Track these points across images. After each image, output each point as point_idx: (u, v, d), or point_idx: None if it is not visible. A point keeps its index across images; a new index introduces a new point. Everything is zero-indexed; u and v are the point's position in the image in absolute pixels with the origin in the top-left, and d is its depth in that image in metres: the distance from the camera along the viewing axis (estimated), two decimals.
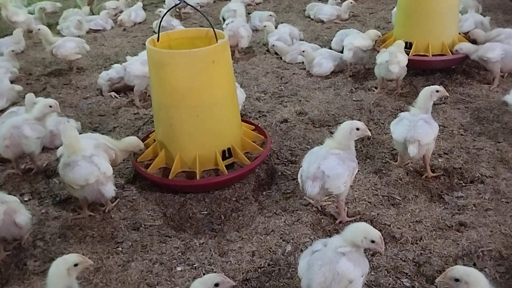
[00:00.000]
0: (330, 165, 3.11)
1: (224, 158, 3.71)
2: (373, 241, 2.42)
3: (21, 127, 3.86)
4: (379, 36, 5.63)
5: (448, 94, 3.79)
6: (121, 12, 8.38)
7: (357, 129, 3.22)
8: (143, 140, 4.08)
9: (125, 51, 6.83)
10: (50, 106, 3.95)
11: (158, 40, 3.75)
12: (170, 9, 3.85)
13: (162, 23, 6.81)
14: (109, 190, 3.35)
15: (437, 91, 3.65)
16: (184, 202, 3.63)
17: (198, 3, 8.45)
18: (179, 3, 3.64)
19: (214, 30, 3.57)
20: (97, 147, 3.61)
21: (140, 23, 8.14)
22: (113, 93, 5.46)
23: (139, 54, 5.36)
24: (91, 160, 3.30)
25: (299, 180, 3.27)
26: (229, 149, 3.73)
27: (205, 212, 3.52)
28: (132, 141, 3.89)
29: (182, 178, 3.70)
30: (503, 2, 7.68)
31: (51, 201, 3.74)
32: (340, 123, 4.49)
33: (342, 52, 5.68)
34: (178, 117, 3.57)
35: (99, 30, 7.83)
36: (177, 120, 3.59)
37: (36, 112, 3.94)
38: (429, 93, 3.64)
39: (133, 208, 3.61)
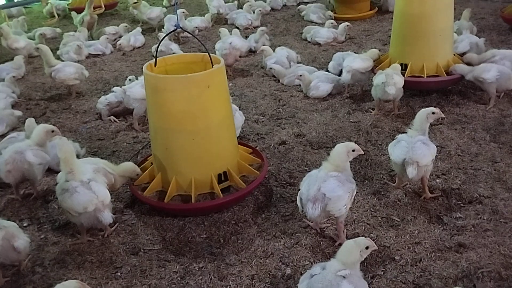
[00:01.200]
0: (330, 187, 3.14)
1: (220, 181, 3.72)
2: (367, 247, 2.56)
3: (24, 153, 3.89)
4: (379, 56, 5.70)
5: (444, 116, 3.82)
6: (120, 37, 8.49)
7: (353, 150, 3.28)
8: (141, 163, 4.11)
9: (124, 75, 6.89)
10: (52, 131, 4.00)
11: (155, 65, 3.80)
12: (167, 34, 3.92)
13: (160, 47, 6.94)
14: (107, 216, 3.34)
15: (433, 113, 3.68)
16: (183, 225, 3.63)
17: (196, 27, 8.58)
18: (176, 28, 3.70)
19: (209, 55, 3.62)
20: (96, 171, 3.60)
21: (139, 47, 8.23)
22: (112, 117, 5.50)
23: (139, 78, 5.42)
24: (89, 186, 3.30)
25: (298, 203, 3.28)
26: (225, 172, 3.75)
27: (204, 236, 3.51)
28: (128, 167, 3.89)
29: (179, 202, 3.71)
30: (497, 23, 7.78)
31: (50, 226, 3.73)
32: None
33: (339, 75, 5.74)
34: (174, 141, 3.61)
35: (99, 54, 7.92)
36: (173, 143, 3.62)
37: (36, 138, 3.97)
38: (425, 115, 3.68)
39: (132, 232, 3.61)
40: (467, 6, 8.02)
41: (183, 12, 8.48)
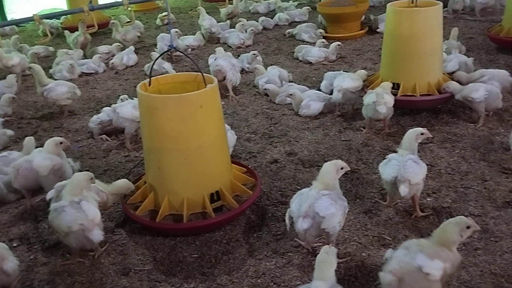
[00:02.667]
0: (324, 206, 3.16)
1: (212, 201, 3.73)
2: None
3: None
4: (367, 75, 5.76)
5: (431, 136, 3.87)
6: (113, 56, 8.52)
7: (341, 168, 3.35)
8: (134, 182, 4.10)
9: (117, 94, 6.91)
10: (61, 143, 4.20)
11: (149, 85, 3.83)
12: (161, 55, 3.96)
13: (154, 66, 6.99)
14: (96, 235, 3.32)
15: (422, 134, 3.73)
16: (174, 245, 3.62)
17: (187, 46, 8.61)
18: (169, 49, 3.74)
19: (202, 75, 3.65)
20: (88, 189, 3.59)
21: (132, 66, 8.27)
22: (104, 136, 5.50)
23: (134, 99, 5.44)
24: (80, 206, 3.29)
25: (286, 220, 3.31)
26: (217, 192, 3.75)
27: (196, 256, 3.50)
28: (123, 184, 3.92)
29: (170, 221, 3.70)
30: (485, 42, 7.90)
31: (40, 246, 3.71)
32: None
33: (331, 94, 5.79)
34: (167, 160, 3.62)
35: (92, 73, 7.94)
36: (165, 163, 3.63)
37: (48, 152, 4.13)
38: (414, 135, 3.73)
39: (123, 252, 3.59)
40: (456, 25, 8.14)
41: (177, 31, 8.54)
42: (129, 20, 9.49)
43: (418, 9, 5.40)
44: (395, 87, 5.37)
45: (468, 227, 2.79)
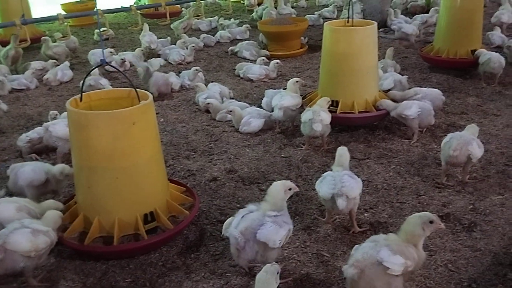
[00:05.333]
0: (266, 232, 3.08)
1: (146, 222, 3.58)
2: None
3: None
4: (297, 81, 5.80)
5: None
6: (47, 71, 8.17)
7: (289, 189, 3.28)
8: (66, 202, 3.90)
9: (49, 110, 6.60)
10: None
11: (81, 100, 3.65)
12: (93, 69, 3.80)
13: (90, 82, 6.77)
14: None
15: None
16: (106, 269, 3.44)
17: (122, 59, 8.38)
18: (102, 64, 3.60)
19: (136, 91, 3.53)
20: (19, 210, 3.47)
21: (66, 82, 7.95)
22: (34, 155, 5.21)
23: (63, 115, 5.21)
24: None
25: (223, 228, 3.22)
26: (152, 212, 3.61)
27: (129, 280, 3.34)
28: (50, 204, 3.70)
29: (100, 244, 3.52)
30: (419, 62, 8.23)
31: None
32: (269, 180, 4.59)
33: (272, 111, 5.79)
34: (97, 180, 3.45)
35: (23, 89, 7.56)
36: (96, 182, 3.46)
37: None
38: (345, 151, 3.85)
39: (50, 278, 3.37)
40: (391, 45, 8.45)
41: (111, 52, 8.31)
42: (62, 35, 9.16)
43: (355, 28, 5.55)
44: (334, 104, 5.45)
45: (431, 222, 2.91)
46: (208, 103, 6.22)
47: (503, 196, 4.22)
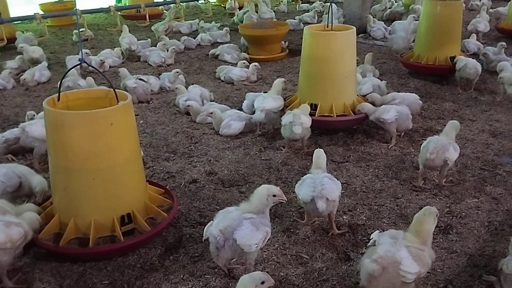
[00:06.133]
0: (243, 233, 3.07)
1: (123, 224, 3.54)
2: (263, 282, 2.64)
3: None
4: (284, 82, 5.86)
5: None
6: (24, 71, 8.03)
7: (274, 195, 3.25)
8: (42, 203, 3.85)
9: (26, 111, 6.50)
10: None
11: (58, 100, 3.60)
12: (71, 68, 3.74)
13: (68, 83, 6.68)
14: None
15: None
16: (83, 271, 3.39)
17: (101, 60, 8.29)
18: (80, 63, 3.55)
19: (115, 91, 3.49)
20: None
21: (44, 82, 7.83)
22: (10, 156, 5.11)
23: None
24: None
25: (204, 233, 3.20)
26: (129, 214, 3.57)
27: (107, 282, 3.29)
28: (28, 207, 3.63)
29: (76, 245, 3.47)
30: (397, 67, 8.35)
31: None
32: (249, 182, 4.60)
33: (253, 114, 5.80)
34: (73, 180, 3.40)
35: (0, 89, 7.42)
36: (72, 183, 3.41)
37: None
38: (322, 154, 3.89)
39: (26, 280, 3.30)
40: (370, 51, 8.56)
41: (86, 53, 8.22)
42: (42, 35, 9.03)
43: (334, 32, 5.60)
44: (313, 107, 5.49)
45: (437, 215, 3.10)
46: (188, 105, 6.20)
47: (478, 199, 4.30)
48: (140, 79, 6.85)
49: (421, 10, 7.86)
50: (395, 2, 14.24)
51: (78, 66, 6.01)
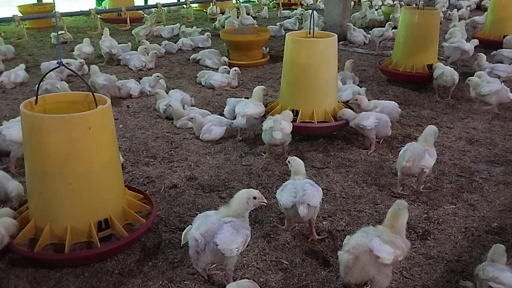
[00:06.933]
0: (223, 237, 3.06)
1: (100, 229, 3.49)
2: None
3: None
4: (264, 89, 5.90)
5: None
6: (0, 73, 7.89)
7: (254, 198, 3.24)
8: (17, 208, 3.78)
9: (3, 114, 6.39)
10: None
11: (36, 103, 3.55)
12: (49, 71, 3.69)
13: (46, 86, 6.58)
14: None
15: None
16: (60, 277, 3.33)
17: (81, 62, 8.19)
18: (58, 66, 3.50)
19: (93, 94, 3.45)
20: None
21: (21, 84, 7.69)
22: None
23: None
24: None
25: (182, 237, 3.18)
26: (106, 220, 3.52)
27: None
28: (4, 212, 3.56)
29: (51, 251, 3.41)
30: (377, 74, 8.46)
31: None
32: (230, 188, 4.58)
33: (234, 119, 5.80)
34: (50, 185, 3.34)
35: None
36: (48, 187, 3.35)
37: None
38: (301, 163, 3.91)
39: (1, 286, 3.23)
40: (351, 58, 8.65)
41: (68, 63, 8.10)
42: (20, 37, 8.89)
43: (316, 39, 5.64)
44: (295, 114, 5.52)
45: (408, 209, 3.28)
46: (170, 106, 6.18)
47: (455, 205, 4.37)
48: None
49: (400, 18, 7.98)
50: (375, 10, 14.43)
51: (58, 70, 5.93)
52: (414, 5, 8.88)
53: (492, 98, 6.37)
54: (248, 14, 13.60)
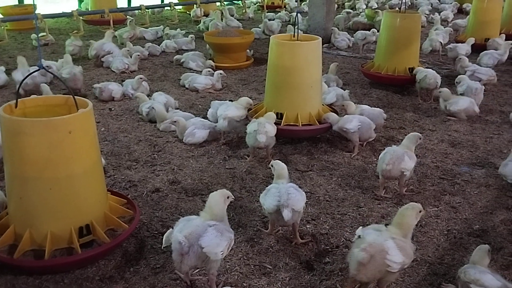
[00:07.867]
0: (208, 239, 3.03)
1: (81, 235, 3.43)
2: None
3: None
4: (251, 104, 5.84)
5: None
6: None
7: (228, 197, 3.30)
8: None
9: None
10: None
11: (16, 106, 3.48)
12: (29, 74, 3.62)
13: (26, 88, 6.47)
14: None
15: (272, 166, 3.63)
16: (40, 284, 3.27)
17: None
18: (39, 69, 3.44)
19: (74, 98, 3.40)
20: None
21: (1, 87, 7.57)
22: None
23: None
24: None
25: (164, 240, 3.13)
26: (87, 225, 3.46)
27: None
28: None
29: (31, 257, 3.34)
30: (360, 77, 8.50)
31: None
32: (213, 191, 4.50)
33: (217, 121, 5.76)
34: (29, 190, 3.27)
35: None
36: (28, 193, 3.28)
37: None
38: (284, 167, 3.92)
39: None
40: (335, 61, 8.68)
41: (48, 66, 8.01)
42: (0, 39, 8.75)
43: (300, 42, 5.64)
44: (279, 117, 5.51)
45: (420, 211, 3.23)
46: (153, 108, 6.13)
47: (438, 208, 4.39)
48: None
49: (381, 21, 8.03)
50: (359, 13, 14.52)
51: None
52: (397, 9, 8.95)
53: (460, 114, 6.49)
54: (232, 16, 13.58)
